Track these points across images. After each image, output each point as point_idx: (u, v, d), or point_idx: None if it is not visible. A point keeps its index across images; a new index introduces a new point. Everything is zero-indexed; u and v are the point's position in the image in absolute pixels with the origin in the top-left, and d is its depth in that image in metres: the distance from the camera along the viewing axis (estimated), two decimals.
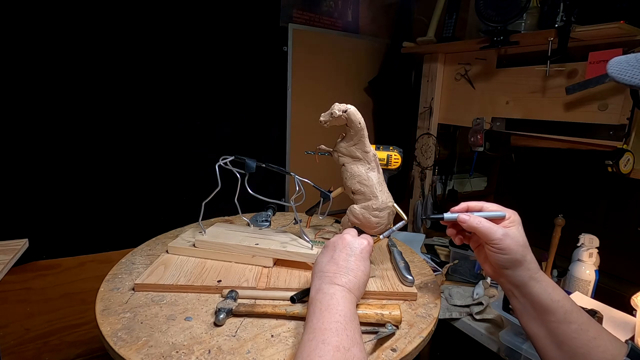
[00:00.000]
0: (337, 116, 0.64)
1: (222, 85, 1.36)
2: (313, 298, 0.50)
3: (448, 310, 1.06)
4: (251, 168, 0.76)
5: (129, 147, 1.23)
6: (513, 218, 0.55)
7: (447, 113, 1.49)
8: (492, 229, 0.53)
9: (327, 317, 0.46)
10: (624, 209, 1.34)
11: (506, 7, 1.09)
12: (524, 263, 0.53)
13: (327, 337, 0.43)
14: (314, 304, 0.49)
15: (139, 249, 0.80)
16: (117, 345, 0.50)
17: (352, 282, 0.52)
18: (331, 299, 0.48)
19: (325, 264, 0.54)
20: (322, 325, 0.44)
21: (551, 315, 0.52)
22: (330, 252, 0.56)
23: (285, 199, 1.62)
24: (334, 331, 0.43)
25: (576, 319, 0.51)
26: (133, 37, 1.16)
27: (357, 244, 0.56)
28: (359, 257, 0.55)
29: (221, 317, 0.55)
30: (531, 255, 0.54)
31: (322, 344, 0.42)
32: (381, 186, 0.68)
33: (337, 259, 0.54)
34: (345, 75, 1.68)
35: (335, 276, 0.52)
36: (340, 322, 0.45)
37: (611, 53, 0.95)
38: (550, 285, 0.53)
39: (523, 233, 0.55)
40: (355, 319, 0.47)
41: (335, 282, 0.51)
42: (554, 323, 0.52)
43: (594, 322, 0.52)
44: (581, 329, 0.50)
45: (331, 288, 0.50)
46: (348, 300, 0.49)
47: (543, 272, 0.55)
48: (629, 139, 0.98)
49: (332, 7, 1.57)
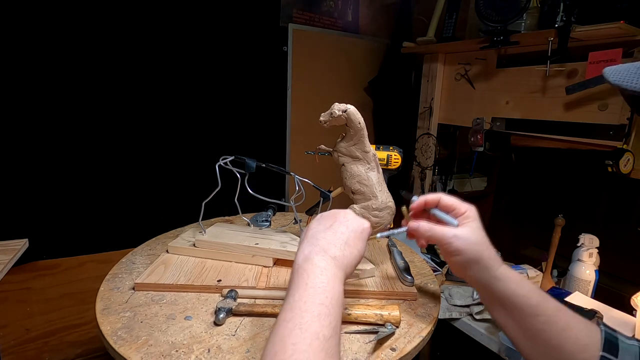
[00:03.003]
0: (336, 116, 0.64)
1: (222, 85, 1.36)
2: (299, 267, 0.44)
3: (448, 310, 1.06)
4: (251, 168, 0.76)
5: (129, 147, 1.23)
6: (468, 214, 0.53)
7: (447, 113, 1.49)
8: (441, 232, 0.51)
9: (312, 295, 0.40)
10: (624, 209, 1.34)
11: (506, 7, 1.09)
12: (481, 262, 0.51)
13: (307, 322, 0.37)
14: (298, 274, 0.43)
15: (139, 249, 0.80)
16: (117, 344, 0.50)
17: (347, 259, 0.47)
18: (320, 275, 0.43)
19: (320, 231, 0.49)
20: (303, 305, 0.39)
21: (518, 310, 0.51)
22: (328, 221, 0.51)
23: (285, 199, 1.62)
24: (316, 315, 0.38)
25: (543, 311, 0.50)
26: (133, 37, 1.16)
27: (359, 222, 0.52)
28: (359, 236, 0.50)
29: (221, 317, 0.55)
30: (489, 253, 0.51)
31: (299, 329, 0.37)
32: (381, 186, 0.68)
33: (336, 229, 0.49)
34: (345, 75, 1.68)
35: (330, 246, 0.46)
36: (326, 305, 0.40)
37: (611, 53, 0.95)
38: (514, 281, 0.51)
39: (479, 230, 0.52)
40: (341, 304, 0.42)
41: (328, 253, 0.46)
42: (522, 318, 0.51)
43: (563, 311, 0.50)
44: (549, 320, 0.49)
45: (322, 260, 0.44)
46: (338, 280, 0.44)
47: (506, 267, 0.53)
48: (629, 139, 0.98)
49: (332, 7, 1.57)
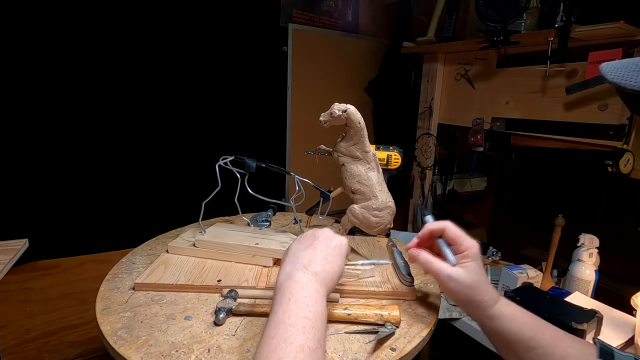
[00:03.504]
0: (336, 116, 0.64)
1: (222, 85, 1.36)
2: (281, 285, 0.45)
3: (448, 310, 1.06)
4: (251, 168, 0.76)
5: (129, 147, 1.23)
6: (467, 253, 0.52)
7: (447, 113, 1.49)
8: (437, 269, 0.52)
9: (295, 311, 0.41)
10: (624, 209, 1.34)
11: (506, 7, 1.09)
12: (472, 304, 0.51)
13: (291, 335, 0.38)
14: (281, 292, 0.43)
15: (139, 249, 0.80)
16: (117, 344, 0.50)
17: (327, 274, 0.48)
18: (302, 290, 0.43)
19: (301, 250, 0.50)
20: (287, 319, 0.40)
21: (514, 344, 0.51)
22: (308, 240, 0.52)
23: (285, 199, 1.62)
24: (300, 328, 0.39)
25: (539, 343, 0.50)
26: (133, 36, 1.16)
27: (338, 239, 0.53)
28: (338, 252, 0.51)
29: (221, 317, 0.55)
30: (482, 295, 0.51)
31: (284, 343, 0.37)
32: (381, 186, 0.68)
33: (316, 246, 0.50)
34: (345, 75, 1.68)
35: (310, 263, 0.48)
36: (309, 318, 0.40)
37: (611, 53, 0.95)
38: (508, 317, 0.51)
39: (475, 271, 0.51)
40: (324, 318, 0.43)
41: (309, 269, 0.47)
42: (520, 352, 0.51)
43: (559, 338, 0.51)
44: (546, 352, 0.49)
45: (303, 277, 0.45)
46: (320, 295, 0.44)
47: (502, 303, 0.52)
48: (629, 139, 0.98)
49: (332, 7, 1.57)
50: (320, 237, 0.52)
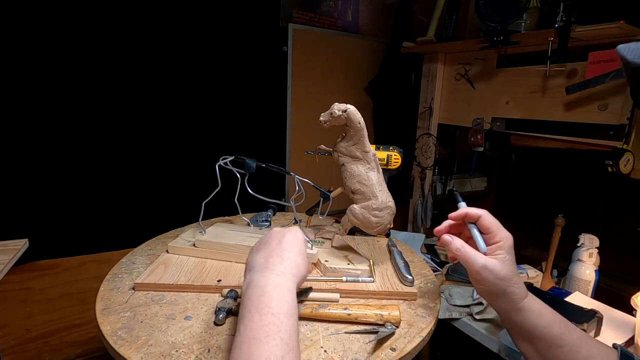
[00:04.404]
0: (336, 116, 0.64)
1: (222, 85, 1.36)
2: (243, 296, 0.44)
3: (448, 310, 1.06)
4: (251, 168, 0.76)
5: (129, 147, 1.23)
6: (502, 244, 0.51)
7: (447, 113, 1.49)
8: (471, 258, 0.50)
9: (256, 320, 0.39)
10: (624, 209, 1.34)
11: (506, 7, 1.09)
12: (505, 295, 0.51)
13: (255, 349, 0.37)
14: (243, 305, 0.42)
15: (139, 249, 0.80)
16: (117, 344, 0.50)
17: (289, 265, 0.47)
18: (262, 295, 0.42)
19: (255, 255, 0.50)
20: (250, 333, 0.38)
21: (539, 340, 0.51)
22: (260, 246, 0.53)
23: (285, 199, 1.62)
24: (263, 339, 0.37)
25: (566, 341, 0.50)
26: (133, 36, 1.16)
27: (289, 231, 0.54)
28: (293, 242, 0.51)
29: (221, 317, 0.55)
30: (514, 287, 0.51)
31: (248, 358, 0.36)
32: (381, 186, 0.68)
33: (267, 246, 0.51)
34: (345, 75, 1.68)
35: (268, 261, 0.47)
36: (273, 322, 0.39)
37: (611, 53, 0.95)
38: (536, 312, 0.51)
39: (509, 263, 0.51)
40: (292, 313, 0.41)
41: (267, 268, 0.46)
42: (545, 348, 0.51)
43: (585, 339, 0.51)
44: (572, 350, 0.49)
45: (262, 278, 0.44)
46: (283, 290, 0.43)
47: (531, 298, 0.52)
48: (629, 139, 0.98)
49: (332, 7, 1.57)
50: (271, 237, 0.53)
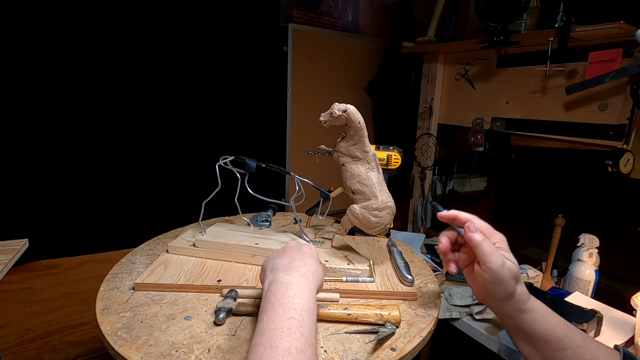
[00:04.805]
0: (336, 116, 0.64)
1: (222, 85, 1.36)
2: (266, 292, 0.45)
3: (448, 310, 1.06)
4: (251, 168, 0.76)
5: (129, 147, 1.23)
6: (500, 244, 0.52)
7: (447, 113, 1.49)
8: (493, 254, 0.49)
9: (280, 314, 0.41)
10: (624, 209, 1.34)
11: (506, 7, 1.09)
12: (514, 295, 0.51)
13: (276, 339, 0.38)
14: (266, 299, 0.44)
15: (139, 249, 0.80)
16: (117, 344, 0.50)
17: (310, 270, 0.49)
18: (287, 290, 0.44)
19: (276, 258, 0.52)
20: (272, 324, 0.39)
21: (543, 343, 0.51)
22: (279, 252, 0.55)
23: (285, 199, 1.62)
24: (285, 331, 0.39)
25: (570, 343, 0.50)
26: (133, 36, 1.16)
27: (306, 246, 0.56)
28: (311, 254, 0.54)
29: (221, 317, 0.55)
30: (522, 287, 0.51)
31: (269, 348, 0.37)
32: (381, 186, 0.68)
33: (290, 253, 0.53)
34: (345, 75, 1.68)
35: (291, 263, 0.49)
36: (295, 318, 0.40)
37: (611, 53, 0.95)
38: (540, 315, 0.51)
39: (516, 261, 0.51)
40: (312, 314, 0.43)
41: (292, 268, 0.48)
42: (547, 350, 0.50)
43: (588, 341, 0.51)
44: (576, 353, 0.49)
45: (287, 276, 0.46)
46: (306, 290, 0.45)
47: (534, 300, 0.52)
48: (629, 139, 0.98)
49: (332, 7, 1.57)
50: (290, 247, 0.56)
